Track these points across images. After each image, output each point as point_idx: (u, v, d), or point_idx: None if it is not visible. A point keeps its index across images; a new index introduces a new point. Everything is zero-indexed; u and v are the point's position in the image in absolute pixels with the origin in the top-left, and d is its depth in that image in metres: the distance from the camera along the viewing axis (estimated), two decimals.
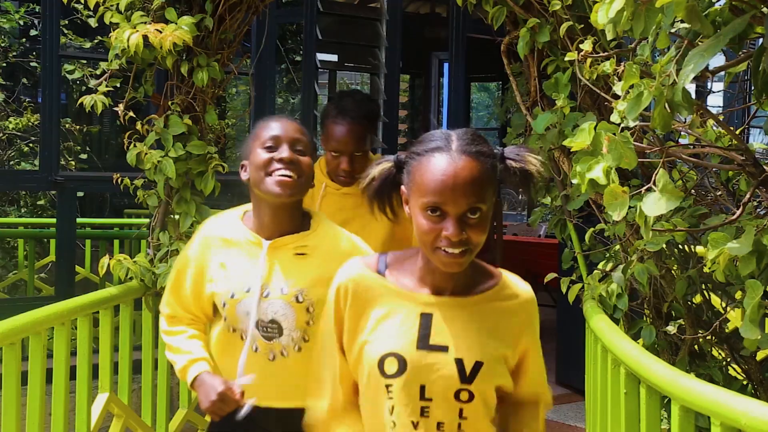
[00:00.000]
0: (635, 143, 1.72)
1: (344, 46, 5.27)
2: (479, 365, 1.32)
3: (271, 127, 1.81)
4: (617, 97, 1.75)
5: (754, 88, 1.41)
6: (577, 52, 2.16)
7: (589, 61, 2.09)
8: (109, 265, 2.60)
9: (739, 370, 2.16)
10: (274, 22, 4.07)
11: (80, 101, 2.65)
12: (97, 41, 5.99)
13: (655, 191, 1.61)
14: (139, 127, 2.67)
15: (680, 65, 1.45)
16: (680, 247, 2.20)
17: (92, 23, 3.25)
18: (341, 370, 1.40)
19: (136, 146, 2.65)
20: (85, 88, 6.06)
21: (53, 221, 4.28)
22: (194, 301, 1.83)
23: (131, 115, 2.68)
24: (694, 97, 1.58)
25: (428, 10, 6.22)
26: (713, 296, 2.24)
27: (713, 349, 2.19)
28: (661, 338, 2.18)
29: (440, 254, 1.27)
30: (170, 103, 2.68)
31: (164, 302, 1.89)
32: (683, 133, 2.03)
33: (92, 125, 6.86)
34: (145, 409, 2.68)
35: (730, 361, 2.18)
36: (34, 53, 6.61)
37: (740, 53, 1.50)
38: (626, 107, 1.61)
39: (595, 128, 1.71)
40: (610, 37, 1.50)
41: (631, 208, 1.71)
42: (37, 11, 5.82)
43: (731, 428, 1.28)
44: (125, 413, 2.49)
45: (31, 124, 6.47)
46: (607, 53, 2.08)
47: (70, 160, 6.42)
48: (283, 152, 1.75)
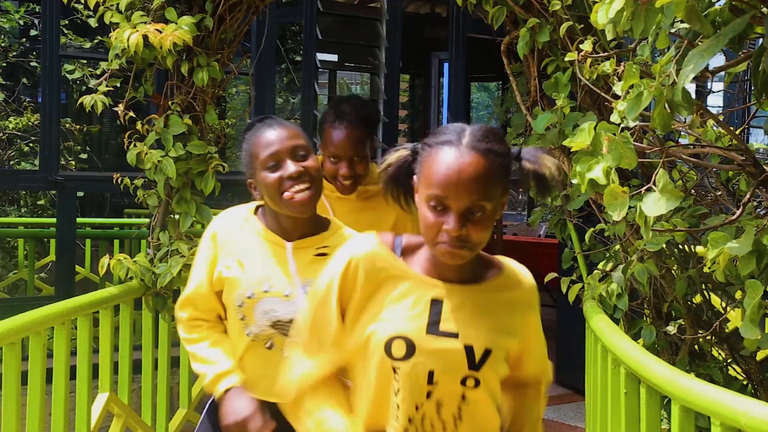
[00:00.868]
0: (635, 143, 1.72)
1: (344, 46, 5.27)
2: (488, 353, 1.33)
3: (266, 143, 1.76)
4: (617, 97, 1.76)
5: (754, 88, 1.41)
6: (577, 52, 2.16)
7: (589, 61, 2.09)
8: (109, 264, 2.61)
9: (739, 370, 2.16)
10: (274, 21, 4.07)
11: (80, 101, 2.65)
12: (97, 41, 5.99)
13: (655, 191, 1.61)
14: (139, 126, 2.68)
15: (680, 65, 1.45)
16: (680, 247, 2.21)
17: (92, 23, 3.26)
18: (337, 339, 1.37)
19: (136, 146, 2.65)
20: (85, 87, 6.07)
21: (53, 221, 4.29)
22: (214, 297, 1.80)
23: (131, 114, 2.68)
24: (693, 97, 1.59)
25: (428, 10, 6.23)
26: (713, 296, 2.25)
27: (713, 349, 2.19)
28: (661, 338, 2.18)
29: (440, 247, 1.27)
30: (170, 102, 2.68)
31: (182, 306, 1.84)
32: (683, 133, 2.03)
33: (92, 125, 6.87)
34: (145, 408, 2.68)
35: (730, 361, 2.18)
36: (34, 53, 6.61)
37: (740, 53, 1.51)
38: (626, 107, 1.62)
39: (595, 128, 1.72)
40: (610, 37, 1.50)
41: (631, 208, 1.71)
42: (37, 11, 5.82)
43: (731, 428, 1.28)
44: (125, 413, 2.49)
45: (31, 123, 6.47)
46: (607, 53, 2.09)
47: (70, 159, 6.43)
48: (289, 168, 1.72)
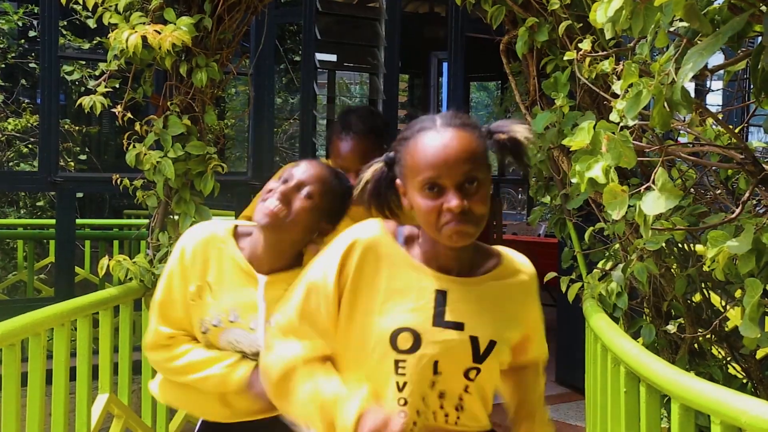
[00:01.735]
0: (634, 142, 1.72)
1: (343, 46, 5.27)
2: (492, 344, 1.32)
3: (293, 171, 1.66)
4: (616, 96, 1.75)
5: (753, 86, 1.41)
6: (576, 51, 2.17)
7: (588, 60, 2.10)
8: (108, 265, 2.61)
9: (738, 368, 2.16)
10: (273, 22, 4.08)
11: (79, 102, 2.65)
12: (95, 42, 6.00)
13: (654, 190, 1.61)
14: (138, 127, 2.68)
15: (679, 64, 1.45)
16: (680, 245, 2.21)
17: (91, 24, 3.27)
18: (331, 325, 1.33)
19: (135, 147, 2.65)
20: (84, 89, 6.06)
21: (52, 222, 4.29)
22: (185, 312, 1.69)
23: (130, 116, 2.68)
24: (693, 95, 1.59)
25: (427, 9, 6.23)
26: (713, 295, 2.25)
27: (713, 347, 2.19)
28: (660, 337, 2.18)
29: (446, 230, 1.24)
30: (169, 103, 2.68)
31: (158, 325, 1.69)
32: (682, 131, 2.03)
33: (91, 126, 6.87)
34: (145, 409, 2.68)
35: (729, 359, 2.18)
36: (32, 54, 6.61)
37: (739, 52, 1.51)
38: (625, 106, 1.62)
39: (594, 127, 1.72)
40: (608, 36, 1.50)
41: (630, 206, 1.71)
42: (35, 12, 5.82)
43: (731, 427, 1.28)
44: (125, 414, 2.50)
45: (30, 125, 6.48)
46: (606, 52, 2.09)
47: (69, 160, 6.43)
48: (279, 191, 1.63)
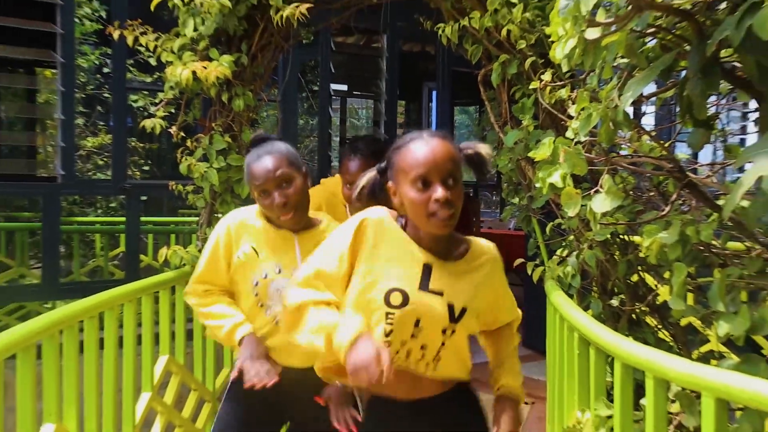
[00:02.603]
0: (586, 154, 1.72)
1: (352, 77, 5.28)
2: (464, 311, 1.34)
3: (257, 173, 1.71)
4: (571, 117, 1.75)
5: (679, 110, 1.41)
6: (539, 81, 2.16)
7: (548, 88, 2.09)
8: (166, 254, 2.61)
9: (667, 334, 2.16)
10: (296, 59, 4.07)
11: (142, 124, 2.65)
12: (156, 76, 6.00)
13: (601, 192, 1.61)
14: (189, 144, 2.68)
15: (621, 92, 1.45)
16: (621, 237, 2.20)
17: (152, 62, 3.27)
18: (341, 279, 1.34)
19: (187, 159, 2.65)
20: (146, 113, 6.07)
21: (122, 219, 4.29)
22: (226, 275, 1.77)
23: (183, 134, 2.68)
24: (632, 117, 1.58)
25: (420, 48, 6.21)
26: (647, 276, 2.24)
27: (647, 317, 2.19)
28: (606, 309, 2.18)
29: (433, 220, 1.26)
30: (213, 124, 2.67)
31: (197, 281, 1.79)
32: (623, 145, 2.03)
33: (152, 143, 6.87)
34: (196, 367, 2.68)
35: (660, 327, 2.18)
36: (106, 86, 6.61)
37: (668, 82, 1.50)
38: (578, 125, 1.62)
39: (553, 142, 1.71)
40: (565, 69, 1.50)
41: (582, 206, 1.71)
42: (108, 53, 5.82)
43: (661, 380, 1.28)
44: (181, 372, 2.50)
45: (104, 143, 6.49)
46: (563, 82, 2.08)
47: (135, 171, 6.44)
48: (276, 198, 1.70)
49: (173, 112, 2.73)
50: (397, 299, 1.30)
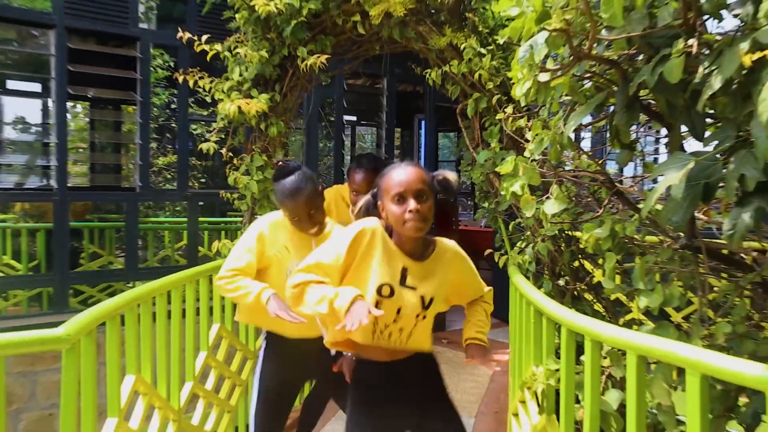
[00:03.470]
0: (539, 169, 1.72)
1: (360, 110, 5.27)
2: (432, 300, 1.36)
3: (290, 203, 1.69)
4: (528, 141, 1.75)
5: (609, 135, 1.41)
6: (503, 113, 2.16)
7: (510, 119, 2.09)
8: (218, 246, 2.62)
9: (600, 307, 2.16)
10: (317, 96, 4.07)
11: (200, 147, 2.65)
12: (210, 110, 6.00)
13: (551, 198, 1.61)
14: (235, 161, 2.68)
15: (566, 121, 1.45)
16: (566, 232, 2.20)
17: (208, 99, 3.26)
18: (340, 268, 1.34)
19: (233, 173, 2.66)
20: (203, 138, 6.07)
21: (185, 220, 4.29)
22: (255, 267, 1.73)
23: (230, 154, 2.68)
24: (574, 141, 1.58)
25: (412, 88, 6.20)
26: (586, 262, 2.24)
27: (585, 294, 2.19)
28: (554, 288, 2.18)
29: (408, 225, 1.28)
30: (254, 147, 2.68)
31: (235, 260, 1.72)
32: (568, 162, 2.03)
33: (207, 161, 6.87)
34: (241, 333, 2.68)
35: (595, 301, 2.18)
36: (173, 118, 6.63)
37: (601, 114, 1.50)
38: (534, 147, 1.62)
39: (515, 160, 1.71)
40: (523, 104, 1.50)
41: (537, 209, 1.71)
42: (175, 93, 5.84)
43: (596, 342, 1.28)
44: (229, 336, 2.50)
45: (171, 161, 6.50)
46: (521, 114, 2.08)
47: (194, 182, 6.44)
48: (305, 224, 1.70)
49: (223, 137, 2.73)
50: (386, 291, 1.32)
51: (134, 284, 3.66)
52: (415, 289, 1.35)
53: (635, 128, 1.93)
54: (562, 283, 2.18)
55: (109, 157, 5.72)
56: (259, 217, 2.71)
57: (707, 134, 1.13)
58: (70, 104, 6.40)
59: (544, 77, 1.35)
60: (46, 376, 3.17)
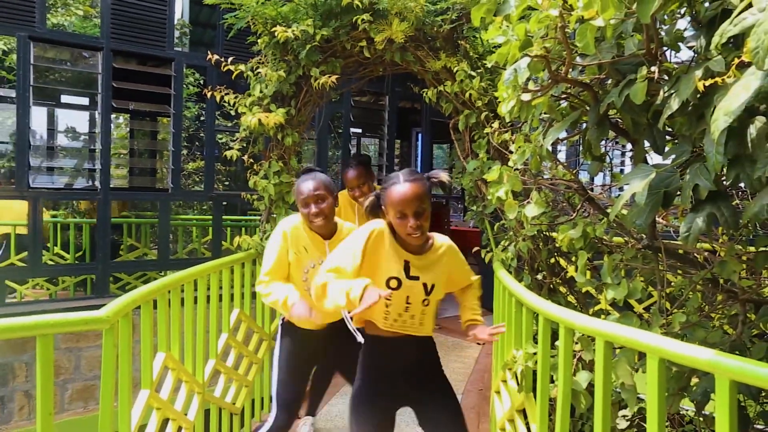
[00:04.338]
0: (521, 177, 1.72)
1: (365, 124, 5.27)
2: (433, 286, 1.38)
3: (302, 190, 1.68)
4: (511, 152, 1.75)
5: (582, 148, 1.41)
6: (490, 128, 2.16)
7: (496, 133, 2.09)
8: (239, 241, 2.62)
9: (573, 299, 2.15)
10: (328, 111, 4.07)
11: (225, 154, 2.66)
12: (234, 122, 6.01)
13: (531, 203, 1.61)
14: (255, 167, 2.68)
15: (544, 136, 1.45)
16: (544, 233, 2.20)
17: (232, 113, 3.27)
18: (356, 266, 1.34)
19: (253, 177, 2.66)
20: (228, 146, 6.07)
21: (210, 218, 4.30)
22: (287, 267, 1.72)
23: (251, 161, 2.69)
24: (552, 153, 1.58)
25: (410, 105, 6.20)
26: (561, 259, 2.24)
27: (560, 287, 2.19)
28: (533, 282, 2.18)
29: (409, 236, 1.32)
30: (271, 154, 2.68)
31: (266, 274, 1.67)
32: (546, 171, 2.03)
33: (231, 167, 6.88)
34: (258, 317, 2.69)
35: (569, 293, 2.17)
36: (202, 129, 6.63)
37: (575, 130, 1.51)
38: (516, 158, 1.62)
39: (500, 169, 1.71)
40: (507, 120, 1.50)
41: (519, 212, 1.71)
42: (203, 106, 5.84)
43: (569, 329, 1.28)
44: (248, 320, 2.51)
45: (199, 166, 6.50)
46: (506, 129, 2.08)
47: (219, 185, 6.44)
48: (312, 209, 1.68)
49: (245, 145, 2.74)
50: (394, 283, 1.35)
51: (165, 273, 3.66)
52: (418, 278, 1.37)
53: (605, 143, 1.93)
54: (540, 277, 2.18)
55: (145, 162, 5.73)
56: (275, 215, 2.74)
57: (666, 149, 1.13)
58: (113, 116, 6.41)
59: (526, 97, 1.35)
60: (89, 351, 3.19)
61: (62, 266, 4.09)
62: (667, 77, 1.09)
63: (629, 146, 1.48)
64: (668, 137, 1.22)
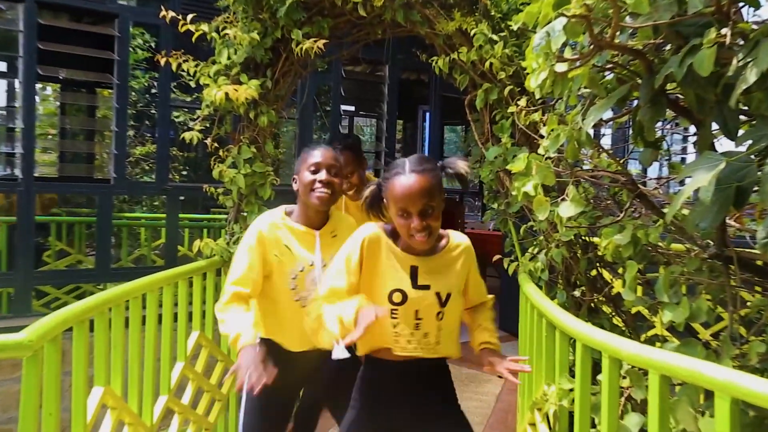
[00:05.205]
0: (554, 168, 1.72)
1: (359, 100, 5.27)
2: (449, 295, 1.40)
3: (314, 154, 1.73)
4: (542, 136, 1.75)
5: (632, 132, 1.41)
6: (516, 106, 2.16)
7: (524, 112, 2.09)
8: (200, 246, 2.61)
9: (620, 321, 2.16)
10: (312, 84, 4.07)
11: (182, 136, 2.65)
12: (195, 96, 5.99)
13: (567, 200, 1.61)
14: (221, 153, 2.68)
15: (584, 116, 1.45)
16: (583, 238, 2.20)
17: (192, 84, 3.24)
18: (353, 284, 1.38)
19: (218, 166, 2.65)
20: (186, 127, 6.06)
21: (164, 216, 4.29)
22: (260, 275, 1.68)
23: (216, 145, 2.68)
24: (593, 137, 1.58)
25: (416, 77, 6.20)
26: (604, 271, 2.24)
27: (604, 306, 2.19)
28: (569, 299, 2.18)
29: (413, 239, 1.33)
30: (242, 137, 2.67)
31: (233, 283, 1.64)
32: (585, 161, 2.03)
33: (190, 152, 6.87)
34: (223, 342, 2.67)
35: (614, 314, 2.18)
36: (153, 104, 6.62)
37: (623, 109, 1.50)
38: (548, 144, 1.62)
39: (527, 158, 1.71)
40: (537, 96, 1.50)
41: (551, 211, 1.71)
42: (156, 76, 5.83)
43: (615, 359, 1.28)
44: (210, 345, 2.50)
45: (150, 151, 6.49)
46: (536, 107, 2.08)
47: (175, 175, 6.43)
48: (322, 175, 1.70)
49: (208, 126, 2.73)
50: (398, 298, 1.36)
51: (105, 286, 3.65)
52: (428, 287, 1.38)
53: (661, 125, 1.93)
54: (577, 293, 2.18)
55: (81, 145, 5.71)
56: (245, 214, 2.73)
57: (740, 132, 1.13)
58: (39, 86, 6.41)
59: (561, 67, 1.35)
60: (4, 386, 3.16)
61: None
62: (742, 42, 1.08)
63: (692, 129, 1.48)
64: (743, 118, 1.22)
